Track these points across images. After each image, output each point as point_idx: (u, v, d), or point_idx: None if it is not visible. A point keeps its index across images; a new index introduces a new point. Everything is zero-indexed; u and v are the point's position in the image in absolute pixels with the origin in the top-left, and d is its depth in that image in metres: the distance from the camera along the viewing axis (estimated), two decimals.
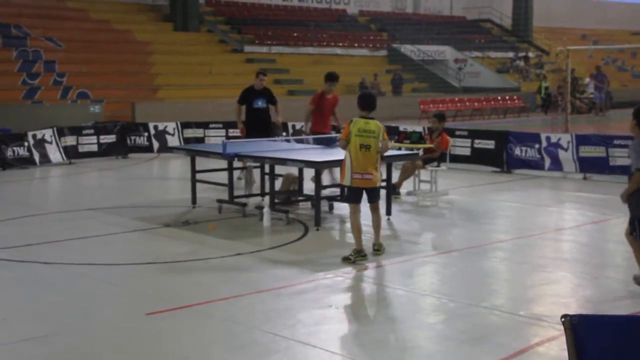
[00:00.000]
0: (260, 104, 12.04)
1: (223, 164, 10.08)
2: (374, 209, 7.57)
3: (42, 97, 22.14)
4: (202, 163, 11.78)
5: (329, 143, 10.40)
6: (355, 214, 7.42)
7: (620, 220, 9.60)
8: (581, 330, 2.81)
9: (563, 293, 6.46)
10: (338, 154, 9.87)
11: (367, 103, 7.67)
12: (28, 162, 14.43)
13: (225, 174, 10.04)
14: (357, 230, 7.32)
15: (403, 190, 11.21)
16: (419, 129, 13.32)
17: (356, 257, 7.17)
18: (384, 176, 8.82)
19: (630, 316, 2.71)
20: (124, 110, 21.68)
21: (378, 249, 7.50)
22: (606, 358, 2.78)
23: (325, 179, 10.80)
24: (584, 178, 12.79)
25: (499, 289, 6.71)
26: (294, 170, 10.15)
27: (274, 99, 12.34)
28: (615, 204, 10.84)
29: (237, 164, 10.30)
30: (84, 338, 5.37)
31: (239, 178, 11.48)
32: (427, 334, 5.42)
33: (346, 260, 7.18)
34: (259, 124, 11.90)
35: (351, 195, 7.51)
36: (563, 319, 2.78)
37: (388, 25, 37.33)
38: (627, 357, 2.75)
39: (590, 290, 6.57)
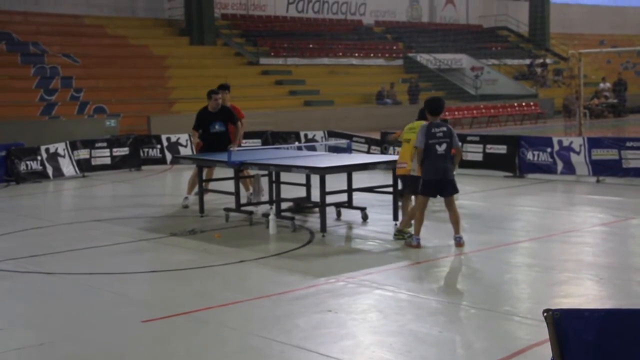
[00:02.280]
0: (217, 127, 11.08)
1: (230, 172, 10.08)
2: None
3: (59, 113, 22.41)
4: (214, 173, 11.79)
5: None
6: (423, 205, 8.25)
7: (635, 222, 9.46)
8: (563, 325, 2.74)
9: (575, 294, 6.32)
10: (343, 160, 9.85)
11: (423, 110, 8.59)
12: (41, 175, 14.55)
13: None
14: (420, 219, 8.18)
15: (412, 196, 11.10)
16: None
17: (404, 236, 8.25)
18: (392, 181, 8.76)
19: (612, 310, 2.63)
20: (140, 125, 21.84)
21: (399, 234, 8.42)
22: (588, 351, 2.71)
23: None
24: (597, 181, 12.60)
25: (505, 292, 6.58)
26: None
27: (234, 117, 11.27)
28: (629, 206, 10.72)
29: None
30: (79, 346, 5.33)
31: (250, 194, 11.10)
32: (427, 337, 5.31)
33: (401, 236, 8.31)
34: (219, 149, 10.75)
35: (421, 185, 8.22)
36: (545, 314, 2.72)
37: (404, 35, 37.32)
38: (609, 350, 2.68)
39: (604, 292, 6.43)
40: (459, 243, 7.93)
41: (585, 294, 6.36)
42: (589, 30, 44.42)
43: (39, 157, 14.66)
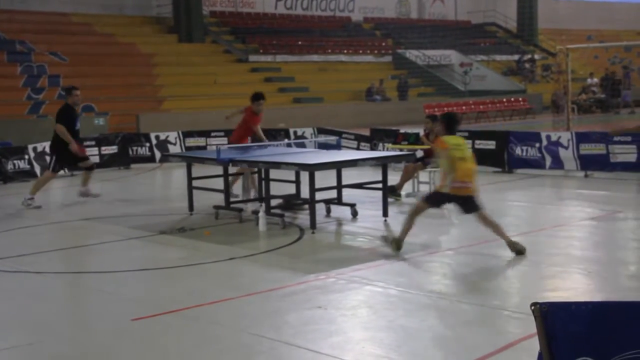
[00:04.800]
0: (79, 125, 11.49)
1: (219, 170, 10.06)
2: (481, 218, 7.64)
3: (47, 112, 22.23)
4: (201, 171, 11.78)
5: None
6: (421, 211, 7.81)
7: (623, 216, 9.52)
8: (551, 318, 2.75)
9: (563, 288, 6.35)
10: (332, 156, 9.85)
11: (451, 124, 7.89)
12: (29, 175, 14.46)
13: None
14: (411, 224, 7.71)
15: (402, 192, 11.14)
16: (415, 130, 13.27)
17: (394, 245, 7.61)
18: (384, 180, 8.74)
19: (598, 302, 2.64)
20: (128, 123, 21.75)
21: (516, 247, 7.42)
22: (576, 344, 2.73)
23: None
24: (585, 176, 12.67)
25: (494, 286, 6.61)
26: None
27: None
28: (617, 200, 10.78)
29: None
30: (68, 345, 5.32)
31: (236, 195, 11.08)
32: (417, 333, 5.33)
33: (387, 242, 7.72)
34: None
35: (435, 198, 7.80)
36: (532, 307, 2.73)
37: (393, 31, 37.32)
38: (596, 342, 2.69)
39: (592, 286, 6.46)
40: None
41: (573, 287, 6.40)
42: (577, 25, 44.58)
43: (26, 156, 14.58)
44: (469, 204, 7.56)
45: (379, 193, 9.61)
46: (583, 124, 22.44)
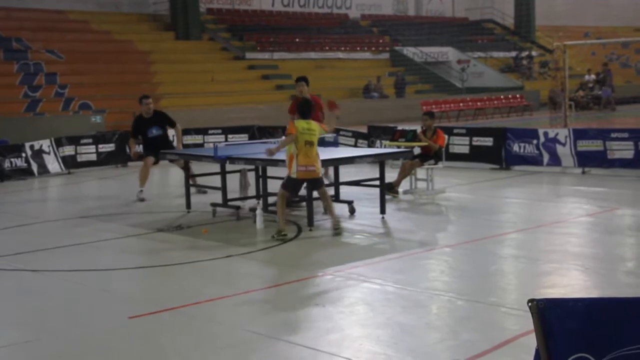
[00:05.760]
0: (155, 132, 11.43)
1: (217, 167, 10.05)
2: (322, 194, 8.52)
3: (44, 110, 22.22)
4: (198, 168, 11.77)
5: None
6: (283, 199, 8.39)
7: (621, 212, 9.53)
8: (548, 314, 2.75)
9: (561, 285, 6.35)
10: (330, 153, 9.84)
11: (307, 110, 8.60)
12: (26, 173, 14.44)
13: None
14: (282, 212, 8.36)
15: (400, 189, 11.13)
16: (413, 127, 13.26)
17: (278, 236, 8.09)
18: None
19: (595, 298, 2.64)
20: (125, 120, 21.68)
21: (337, 228, 8.31)
22: (573, 340, 2.73)
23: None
24: (583, 172, 12.68)
25: (491, 283, 6.61)
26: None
27: (172, 121, 11.66)
28: (614, 197, 10.79)
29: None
30: (66, 343, 5.30)
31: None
32: (415, 330, 5.32)
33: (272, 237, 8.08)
34: (158, 153, 11.20)
35: (290, 185, 8.36)
36: (530, 304, 2.73)
37: (390, 28, 37.31)
38: (592, 339, 2.69)
39: (589, 282, 6.47)
40: None
41: (571, 284, 6.40)
42: (574, 22, 44.59)
43: (23, 154, 14.55)
44: (314, 184, 8.46)
45: (377, 190, 9.61)
46: (580, 120, 22.47)
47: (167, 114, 11.88)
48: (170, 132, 12.00)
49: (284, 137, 8.79)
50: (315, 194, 8.74)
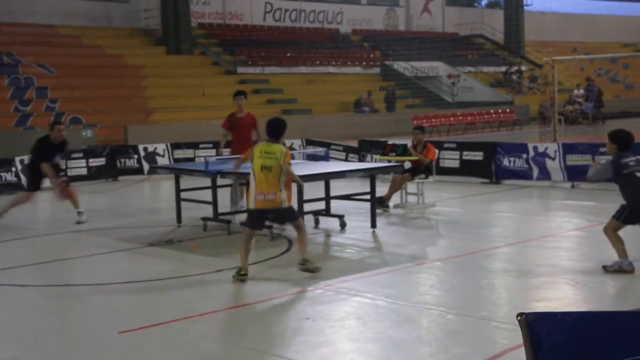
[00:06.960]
0: (57, 159, 10.87)
1: (208, 182, 10.04)
2: (296, 228, 7.35)
3: (34, 124, 22.15)
4: (189, 183, 11.75)
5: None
6: (247, 236, 7.21)
7: None
8: (537, 328, 2.77)
9: (551, 299, 6.38)
10: (320, 168, 9.87)
11: (272, 130, 7.34)
12: (16, 187, 14.37)
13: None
14: (243, 250, 7.15)
15: (390, 203, 11.16)
16: (403, 142, 13.32)
17: (238, 276, 7.02)
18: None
19: (584, 312, 2.66)
20: (117, 135, 21.69)
21: (303, 264, 7.15)
22: (562, 354, 2.74)
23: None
24: (572, 186, 12.75)
25: (482, 297, 6.63)
26: None
27: (66, 152, 10.99)
28: (603, 211, 10.84)
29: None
30: (54, 358, 5.28)
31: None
32: (405, 344, 5.33)
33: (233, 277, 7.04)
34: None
35: (250, 218, 7.30)
36: (519, 317, 2.74)
37: (381, 43, 37.49)
38: (581, 352, 2.70)
39: (579, 296, 6.50)
40: None
41: (561, 297, 6.43)
42: (563, 37, 44.95)
43: (13, 169, 14.50)
44: (280, 216, 7.30)
45: (367, 204, 9.63)
46: (570, 135, 22.61)
47: (68, 145, 11.24)
48: None
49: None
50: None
